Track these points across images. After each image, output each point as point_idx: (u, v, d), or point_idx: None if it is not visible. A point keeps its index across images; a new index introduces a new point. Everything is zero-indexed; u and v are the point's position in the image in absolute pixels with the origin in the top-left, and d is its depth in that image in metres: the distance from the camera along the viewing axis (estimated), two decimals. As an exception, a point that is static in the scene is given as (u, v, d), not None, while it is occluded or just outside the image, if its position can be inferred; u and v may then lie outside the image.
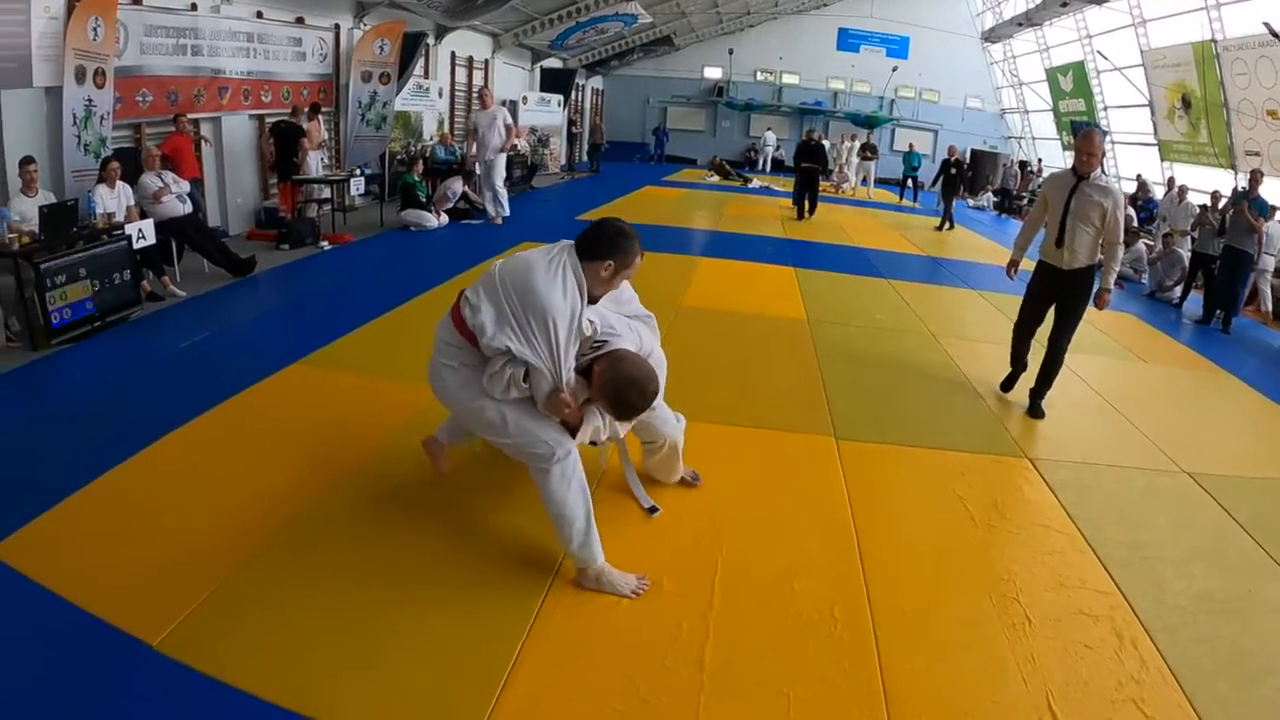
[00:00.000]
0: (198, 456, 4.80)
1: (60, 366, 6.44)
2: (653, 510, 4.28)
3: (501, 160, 14.24)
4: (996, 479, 5.13)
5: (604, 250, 3.51)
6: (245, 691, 2.96)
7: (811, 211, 17.56)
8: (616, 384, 3.46)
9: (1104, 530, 4.50)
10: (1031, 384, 6.36)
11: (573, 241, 3.58)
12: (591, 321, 3.57)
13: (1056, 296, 6.25)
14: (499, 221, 14.19)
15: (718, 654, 3.27)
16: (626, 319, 3.97)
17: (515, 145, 16.34)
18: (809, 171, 17.51)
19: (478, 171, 14.42)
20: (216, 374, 6.08)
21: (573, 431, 3.64)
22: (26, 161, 7.78)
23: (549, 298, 3.33)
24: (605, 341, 3.68)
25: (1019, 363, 6.59)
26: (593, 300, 3.58)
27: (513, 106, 22.95)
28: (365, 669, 3.08)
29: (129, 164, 9.03)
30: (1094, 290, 6.17)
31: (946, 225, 18.11)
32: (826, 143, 22.27)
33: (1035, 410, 6.27)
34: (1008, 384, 6.63)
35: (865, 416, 5.90)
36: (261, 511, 4.15)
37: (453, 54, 19.42)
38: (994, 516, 4.58)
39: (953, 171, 18.30)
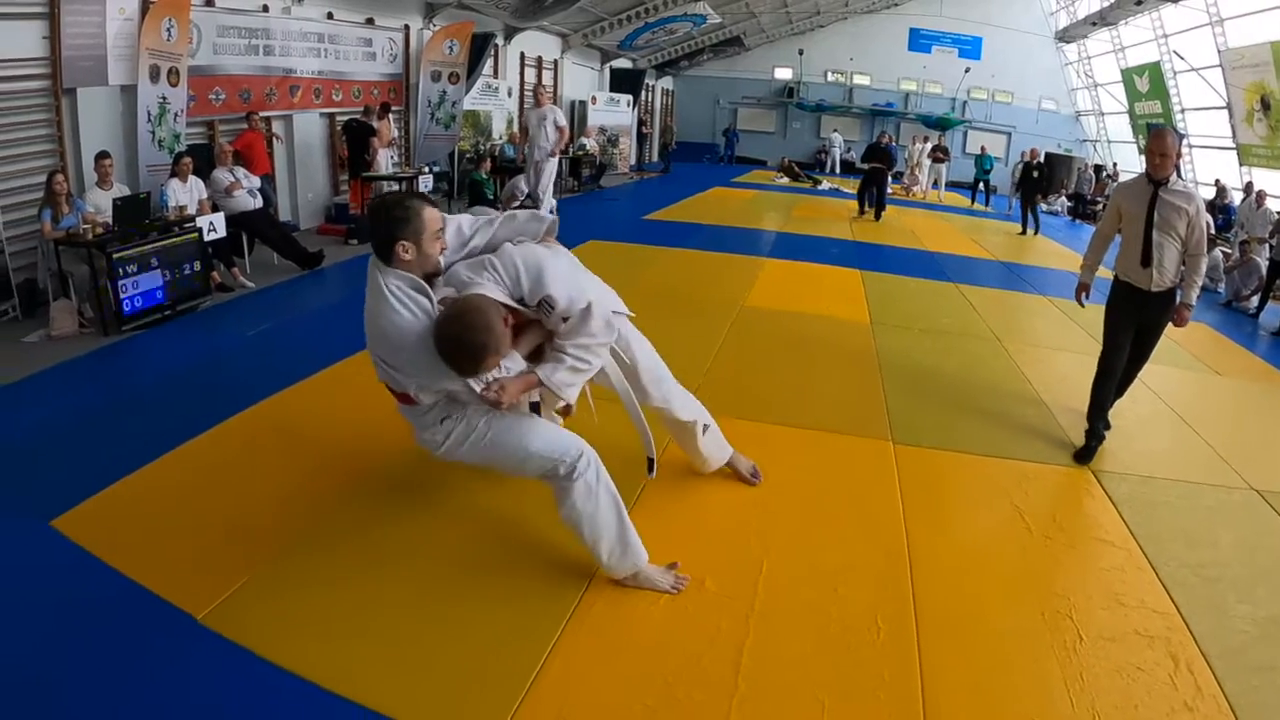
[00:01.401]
0: (253, 442, 4.87)
1: (129, 352, 6.58)
2: (651, 465, 3.88)
3: (552, 165, 13.70)
4: (1056, 490, 4.92)
5: (388, 239, 3.08)
6: (282, 667, 3.00)
7: (880, 213, 17.25)
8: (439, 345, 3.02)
9: (1165, 548, 4.24)
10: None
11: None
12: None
13: (1140, 322, 5.41)
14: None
15: (755, 656, 3.19)
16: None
17: (565, 147, 16.11)
18: (875, 172, 17.23)
19: (528, 170, 14.10)
20: (279, 363, 6.14)
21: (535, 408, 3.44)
22: (102, 156, 8.05)
23: (401, 329, 3.04)
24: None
25: (1098, 424, 5.48)
26: (438, 273, 3.23)
27: (581, 107, 23.09)
28: (399, 653, 3.09)
29: (202, 159, 9.25)
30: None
31: (1031, 230, 17.58)
32: (897, 145, 21.94)
33: (1105, 424, 5.69)
34: (1085, 455, 5.37)
35: (924, 421, 5.70)
36: (309, 497, 4.18)
37: (521, 54, 19.56)
38: (1051, 529, 4.37)
39: (1034, 175, 17.83)
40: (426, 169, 14.17)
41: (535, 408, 3.56)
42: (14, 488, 4.27)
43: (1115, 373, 5.47)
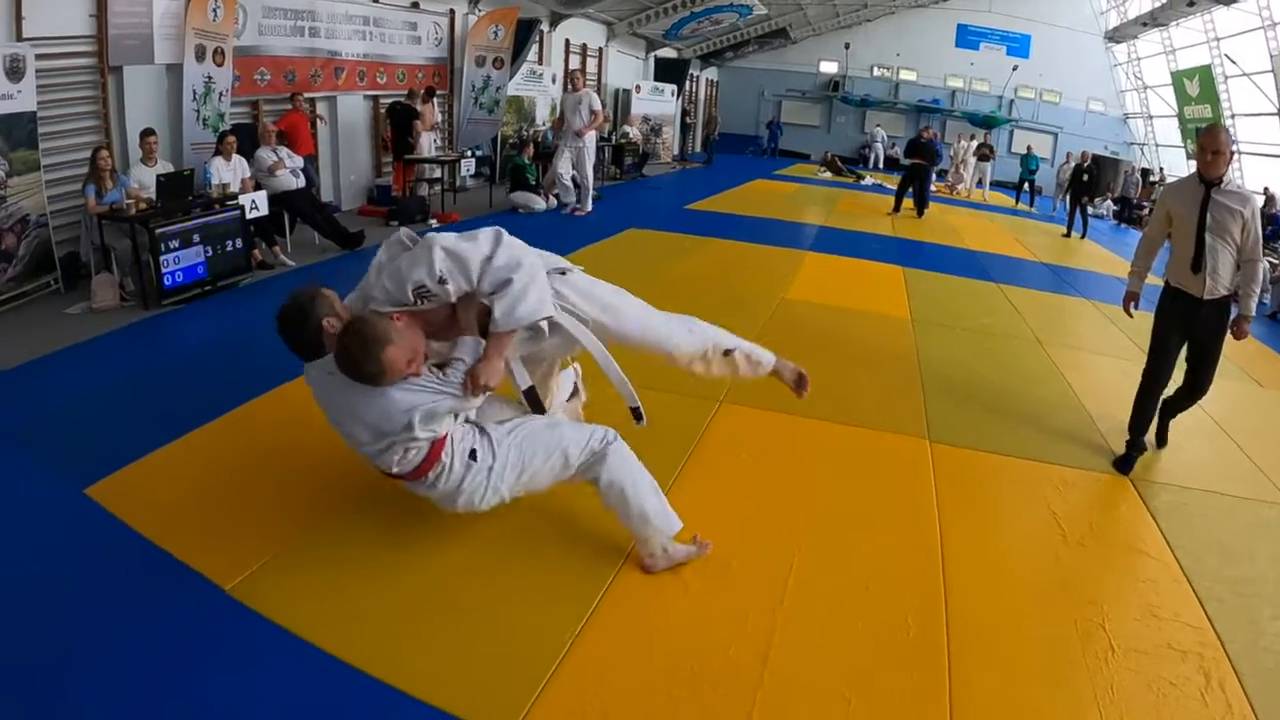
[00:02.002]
0: (286, 419, 4.85)
1: (169, 325, 6.60)
2: (638, 414, 3.68)
3: (590, 148, 13.57)
4: (1093, 497, 4.77)
5: (310, 349, 3.20)
6: (308, 640, 2.99)
7: (922, 210, 16.94)
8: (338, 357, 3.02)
9: (1202, 561, 4.09)
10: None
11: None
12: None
13: (1192, 333, 5.06)
14: (557, 208, 13.58)
15: (782, 650, 3.13)
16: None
17: (604, 133, 15.92)
18: (916, 168, 16.98)
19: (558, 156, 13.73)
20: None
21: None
22: (147, 133, 8.09)
23: (365, 400, 3.04)
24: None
25: (1139, 436, 5.21)
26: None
27: (625, 95, 23.01)
28: (425, 633, 3.08)
29: (246, 139, 9.25)
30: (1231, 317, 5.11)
31: (1077, 233, 17.20)
32: (942, 141, 21.63)
33: (1162, 438, 5.47)
34: (1125, 464, 5.14)
35: (962, 421, 5.57)
36: (338, 475, 4.13)
37: (566, 41, 19.54)
38: (1087, 536, 4.24)
39: (1084, 178, 17.50)
40: (469, 153, 14.19)
41: (535, 404, 3.57)
42: (51, 455, 4.30)
43: (1159, 386, 5.18)
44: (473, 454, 3.24)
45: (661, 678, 2.93)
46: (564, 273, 3.56)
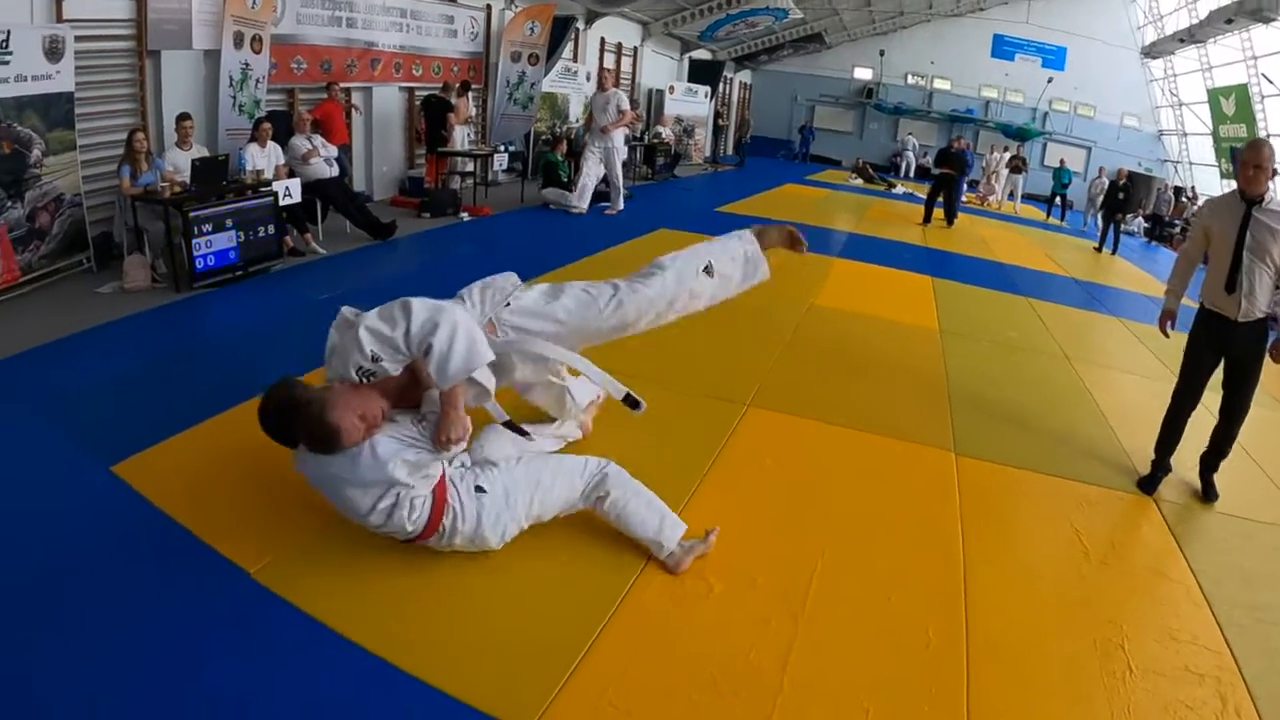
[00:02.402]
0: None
1: (200, 308, 6.60)
2: (633, 402, 3.77)
3: (619, 146, 13.28)
4: (1117, 516, 4.68)
5: (291, 437, 3.18)
6: (332, 628, 2.98)
7: (951, 219, 16.82)
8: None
9: (1223, 586, 4.01)
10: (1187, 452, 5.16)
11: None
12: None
13: (1226, 356, 4.84)
14: (581, 212, 12.99)
15: (803, 657, 3.10)
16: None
17: (635, 132, 15.71)
18: (945, 178, 16.80)
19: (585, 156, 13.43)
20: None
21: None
22: (183, 118, 8.10)
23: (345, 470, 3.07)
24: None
25: (1166, 457, 5.06)
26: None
27: (659, 96, 22.98)
28: (449, 624, 3.07)
29: (281, 126, 9.31)
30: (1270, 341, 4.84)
31: (1108, 249, 16.97)
32: (974, 152, 21.43)
33: (1209, 490, 4.98)
34: (1149, 484, 5.00)
35: (988, 434, 5.49)
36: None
37: (602, 39, 19.52)
38: (1109, 555, 4.18)
39: (1120, 196, 17.31)
40: (502, 148, 14.16)
41: (518, 432, 3.68)
42: (79, 431, 4.32)
43: (1186, 412, 5.01)
44: (479, 489, 3.27)
45: (682, 679, 2.91)
46: (509, 303, 3.61)
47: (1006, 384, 6.62)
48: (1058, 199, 22.46)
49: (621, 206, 13.29)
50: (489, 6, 14.72)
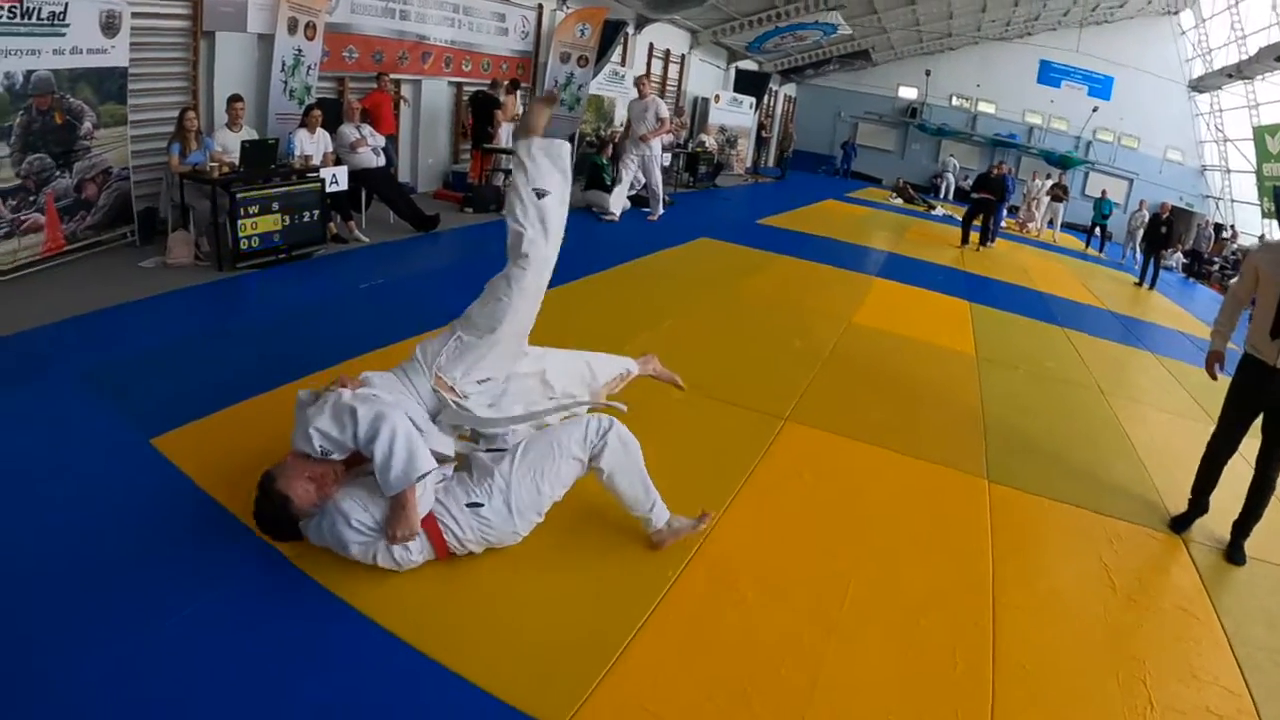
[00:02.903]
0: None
1: (241, 289, 6.61)
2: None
3: (658, 153, 13.03)
4: (1145, 553, 4.61)
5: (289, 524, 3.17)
6: (366, 614, 3.00)
7: (986, 242, 16.66)
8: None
9: (1246, 628, 3.96)
10: (1227, 513, 4.89)
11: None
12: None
13: (1267, 403, 4.59)
14: (614, 219, 12.76)
15: (833, 672, 3.10)
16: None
17: (676, 139, 15.46)
18: (982, 202, 16.58)
19: (622, 164, 13.24)
20: (386, 318, 6.08)
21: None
22: (235, 99, 8.15)
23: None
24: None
25: (1203, 498, 4.89)
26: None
27: (703, 104, 22.94)
28: (484, 619, 3.08)
29: (330, 113, 9.31)
30: None
31: (1147, 284, 16.77)
32: (1015, 178, 21.19)
33: (1236, 554, 4.67)
34: (1181, 523, 4.85)
35: (1021, 463, 5.42)
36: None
37: (650, 45, 19.49)
38: (1136, 591, 4.14)
39: (1163, 230, 17.08)
40: (546, 147, 14.12)
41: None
42: (121, 402, 4.36)
43: (1223, 459, 4.83)
44: (474, 504, 3.24)
45: (713, 688, 2.91)
46: (461, 400, 3.59)
47: (1041, 414, 6.54)
48: (1098, 229, 22.20)
49: (660, 212, 13.19)
50: (540, 6, 14.73)
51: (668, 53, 20.70)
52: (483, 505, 3.22)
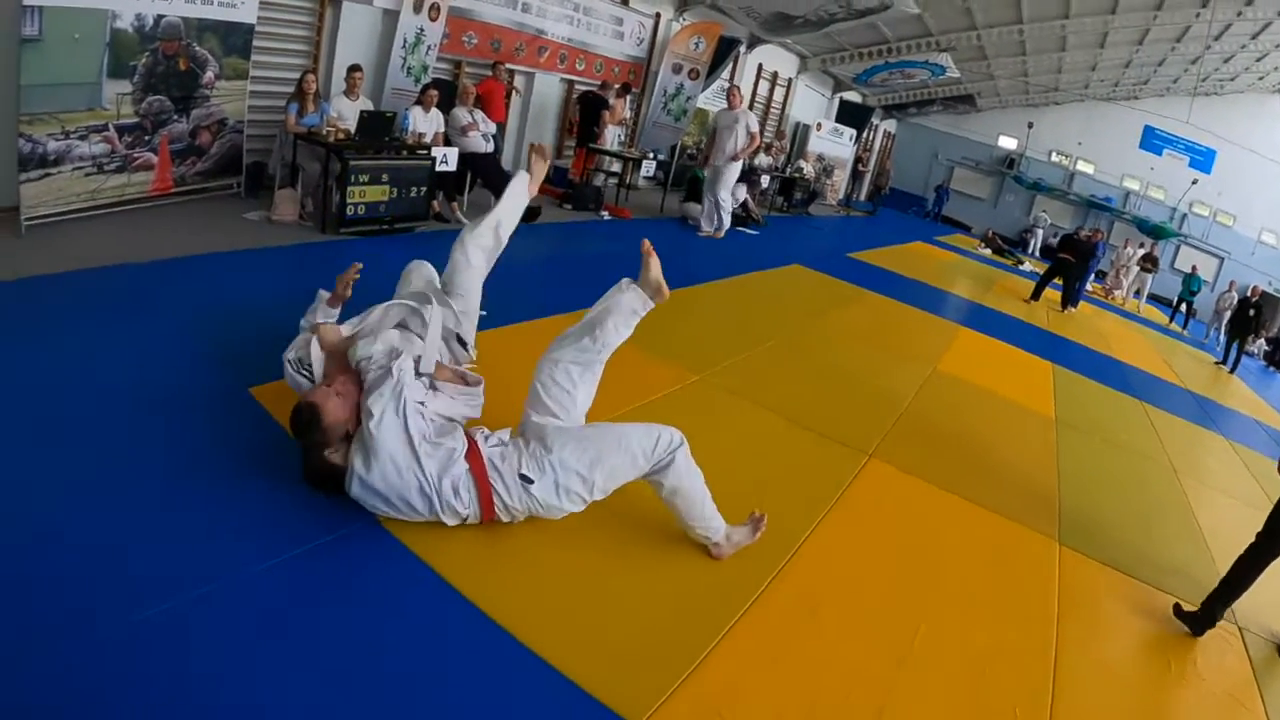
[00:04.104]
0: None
1: (344, 252, 6.55)
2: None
3: (733, 170, 12.09)
4: (1204, 637, 4.47)
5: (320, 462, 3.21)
6: (451, 584, 3.06)
7: (1071, 305, 16.19)
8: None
9: None
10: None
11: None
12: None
13: None
14: (718, 235, 12.23)
15: (898, 707, 3.11)
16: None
17: (755, 157, 15.06)
18: (1063, 262, 16.10)
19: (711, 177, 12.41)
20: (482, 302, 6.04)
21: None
22: (354, 69, 8.22)
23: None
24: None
25: (1219, 607, 4.39)
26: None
27: (804, 130, 22.80)
28: (572, 609, 3.12)
29: (444, 95, 9.32)
30: None
31: (1228, 367, 16.32)
32: (1106, 244, 20.67)
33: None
34: (1191, 619, 4.37)
35: (1092, 532, 5.33)
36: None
37: (760, 66, 19.41)
38: (1191, 673, 4.09)
39: (1250, 313, 16.58)
40: (651, 154, 14.01)
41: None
42: (221, 348, 4.47)
43: (1255, 569, 4.43)
44: (524, 478, 3.25)
45: (784, 704, 2.94)
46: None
47: (1114, 484, 6.47)
48: (1183, 305, 21.66)
49: (712, 231, 12.25)
50: (658, 14, 14.72)
51: (775, 75, 20.58)
52: (534, 482, 3.24)
